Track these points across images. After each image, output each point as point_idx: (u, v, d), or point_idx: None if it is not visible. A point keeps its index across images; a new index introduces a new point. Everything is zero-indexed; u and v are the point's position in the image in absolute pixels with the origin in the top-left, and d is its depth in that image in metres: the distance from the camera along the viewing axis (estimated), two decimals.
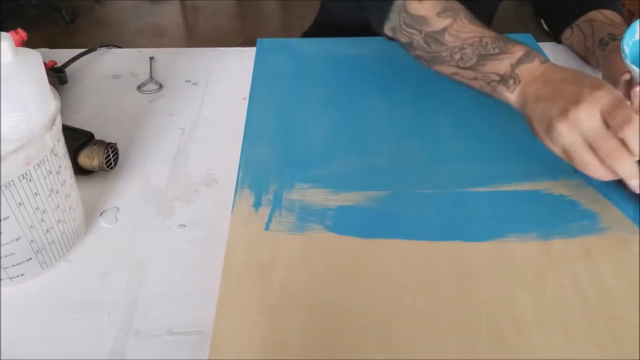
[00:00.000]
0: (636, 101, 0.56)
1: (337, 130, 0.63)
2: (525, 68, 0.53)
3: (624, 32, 0.56)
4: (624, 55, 0.54)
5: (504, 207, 0.53)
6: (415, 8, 0.59)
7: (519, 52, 0.54)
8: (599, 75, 0.68)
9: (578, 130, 0.47)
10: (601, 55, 0.69)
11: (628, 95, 0.57)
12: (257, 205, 0.53)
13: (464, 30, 0.57)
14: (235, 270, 0.47)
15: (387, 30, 0.63)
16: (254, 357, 0.41)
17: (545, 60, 0.54)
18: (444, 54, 0.59)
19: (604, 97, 0.46)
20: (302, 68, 0.75)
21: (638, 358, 0.41)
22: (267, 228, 0.51)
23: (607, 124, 0.46)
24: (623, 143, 0.46)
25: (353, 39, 0.81)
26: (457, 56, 0.58)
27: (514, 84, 0.54)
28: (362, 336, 0.42)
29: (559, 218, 0.52)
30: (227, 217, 0.52)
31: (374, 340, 0.42)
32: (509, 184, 0.56)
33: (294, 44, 0.82)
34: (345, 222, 0.51)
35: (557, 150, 0.50)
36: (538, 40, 0.82)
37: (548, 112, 0.50)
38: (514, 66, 0.54)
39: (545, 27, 0.86)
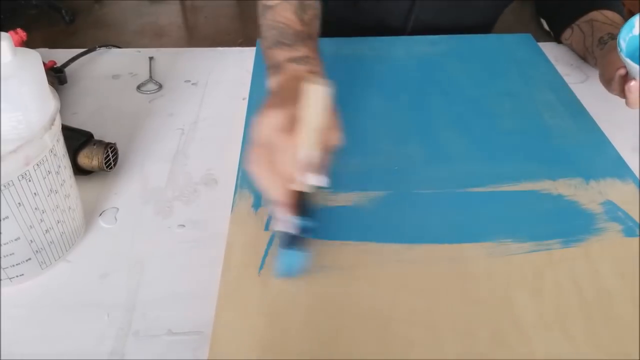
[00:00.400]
0: (631, 95, 0.56)
1: None
2: (293, 67, 0.54)
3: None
4: (619, 49, 0.54)
5: (503, 207, 0.53)
6: None
7: (300, 52, 0.56)
8: (597, 73, 0.67)
9: (260, 133, 0.44)
10: (599, 54, 0.69)
11: (623, 90, 0.57)
12: (256, 205, 0.53)
13: (282, 15, 0.60)
14: (235, 270, 0.47)
15: None
16: (254, 357, 0.41)
17: (314, 72, 0.53)
18: (263, 28, 0.61)
19: (275, 117, 0.43)
20: None
21: (638, 358, 0.41)
22: (266, 228, 0.51)
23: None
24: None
25: (353, 39, 0.81)
26: (266, 34, 0.60)
27: (277, 73, 0.54)
28: (361, 337, 0.42)
29: (557, 218, 0.52)
30: (227, 218, 0.52)
31: (374, 340, 0.42)
32: (508, 184, 0.56)
33: None
34: (344, 223, 0.51)
35: None
36: (538, 41, 0.82)
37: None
38: (286, 61, 0.55)
39: (546, 27, 0.86)
